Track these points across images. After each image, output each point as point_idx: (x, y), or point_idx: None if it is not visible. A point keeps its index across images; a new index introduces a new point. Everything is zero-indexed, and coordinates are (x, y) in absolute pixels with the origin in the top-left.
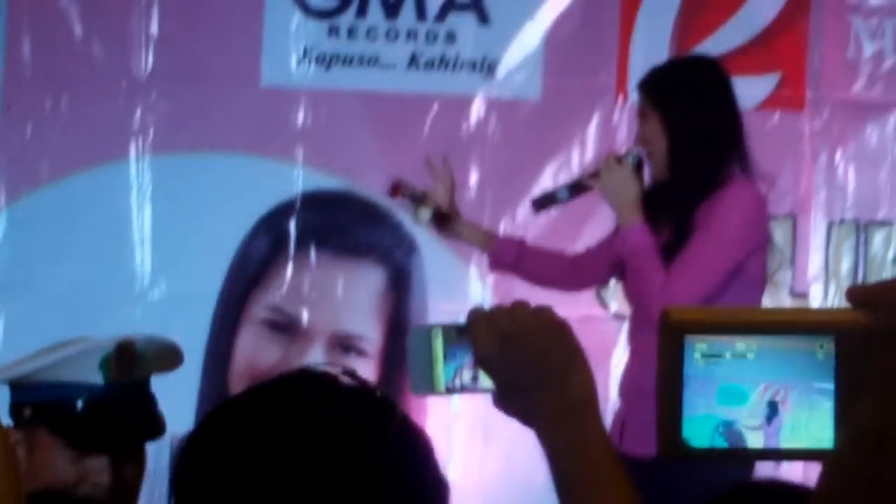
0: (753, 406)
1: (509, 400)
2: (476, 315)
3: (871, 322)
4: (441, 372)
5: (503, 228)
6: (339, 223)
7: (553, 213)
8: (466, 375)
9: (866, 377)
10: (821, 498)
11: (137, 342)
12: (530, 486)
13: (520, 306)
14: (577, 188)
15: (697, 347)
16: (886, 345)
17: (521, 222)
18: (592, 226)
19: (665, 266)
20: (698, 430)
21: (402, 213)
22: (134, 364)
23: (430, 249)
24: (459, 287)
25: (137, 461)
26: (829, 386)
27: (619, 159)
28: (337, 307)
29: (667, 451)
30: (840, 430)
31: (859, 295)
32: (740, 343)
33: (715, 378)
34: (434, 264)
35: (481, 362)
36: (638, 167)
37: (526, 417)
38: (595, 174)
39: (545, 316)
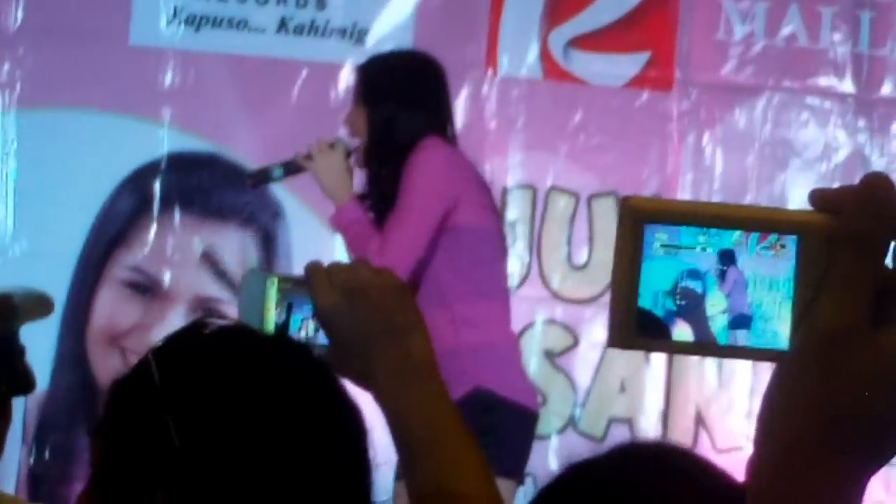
0: (712, 301)
1: (346, 357)
2: (314, 267)
3: (834, 225)
4: (271, 319)
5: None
6: (204, 186)
7: None
8: (312, 328)
9: (825, 279)
10: (774, 396)
11: (15, 295)
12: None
13: (362, 265)
14: (291, 168)
15: (657, 237)
16: (848, 248)
17: None
18: None
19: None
20: (653, 322)
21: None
22: (13, 317)
23: (296, 215)
24: (324, 252)
25: (3, 416)
26: (789, 285)
27: (331, 145)
28: (199, 270)
29: (619, 342)
30: (797, 331)
31: (823, 198)
32: (702, 236)
33: (673, 270)
34: (299, 229)
35: (319, 315)
36: (347, 154)
37: (363, 377)
38: (309, 156)
39: (387, 276)
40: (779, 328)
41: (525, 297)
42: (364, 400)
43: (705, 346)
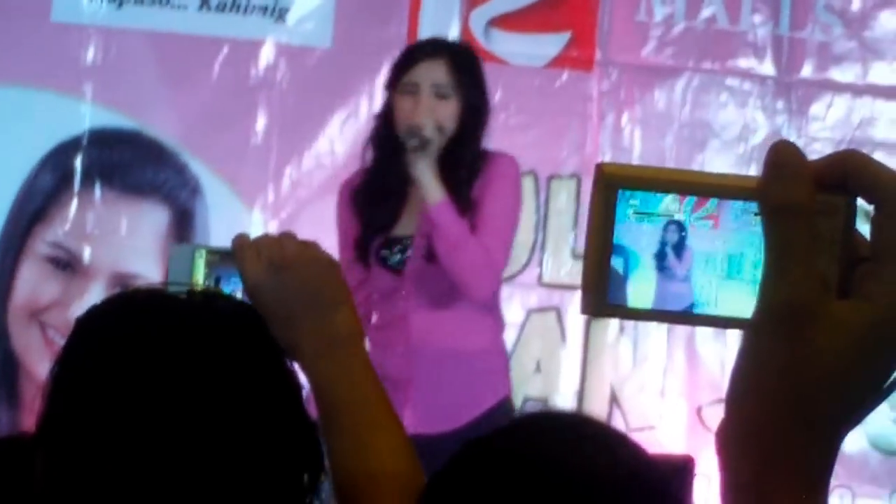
0: (681, 268)
1: (274, 329)
2: (242, 240)
3: (760, 192)
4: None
5: (288, 174)
6: (125, 162)
7: None
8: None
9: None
10: (738, 371)
11: None
12: None
13: (288, 238)
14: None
15: (630, 204)
16: (767, 219)
17: (306, 169)
18: None
19: None
20: (626, 289)
21: (187, 154)
22: None
23: (214, 192)
24: (242, 229)
25: None
26: (759, 254)
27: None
28: (119, 246)
29: (592, 309)
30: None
31: (765, 159)
32: (674, 203)
33: (645, 236)
34: (218, 207)
35: (247, 288)
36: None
37: (291, 349)
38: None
39: (314, 250)
40: (746, 296)
41: None
42: None
43: (679, 315)
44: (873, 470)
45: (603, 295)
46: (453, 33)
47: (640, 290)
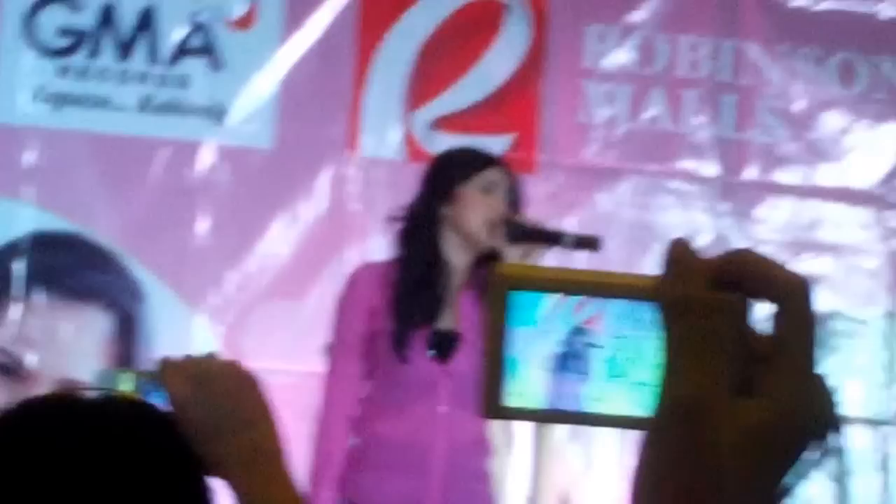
0: (584, 368)
1: (199, 446)
2: (166, 361)
3: (657, 289)
4: None
5: (229, 279)
6: (67, 266)
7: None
8: None
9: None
10: (638, 469)
11: None
12: None
13: (211, 357)
14: (583, 242)
15: (524, 305)
16: (665, 315)
17: (250, 273)
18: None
19: None
20: (523, 391)
21: (128, 257)
22: None
23: (157, 296)
24: (186, 334)
25: None
26: (653, 353)
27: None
28: (64, 352)
29: (490, 412)
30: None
31: (665, 256)
32: (569, 303)
33: (542, 338)
34: (161, 312)
35: (173, 405)
36: None
37: (216, 465)
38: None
39: (235, 367)
40: (643, 395)
41: None
42: None
43: (574, 415)
44: None
45: (499, 397)
46: (395, 135)
47: (535, 391)
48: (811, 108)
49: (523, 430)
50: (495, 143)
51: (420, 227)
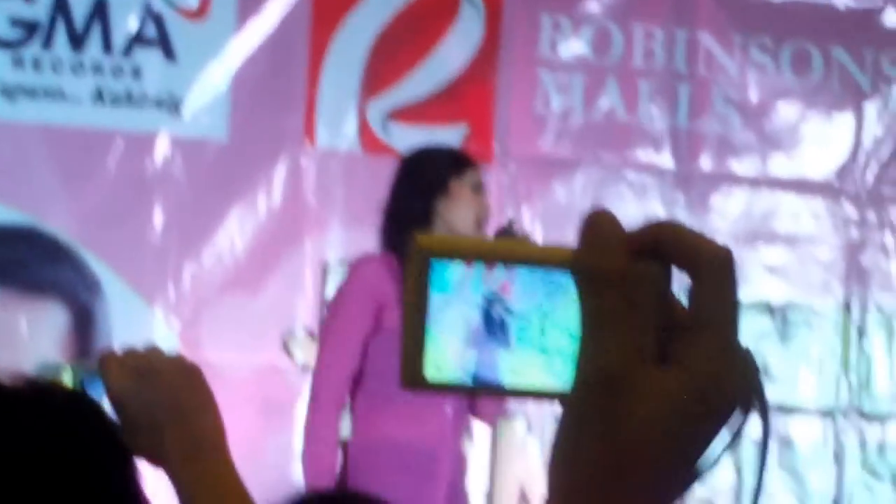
0: (503, 339)
1: (139, 437)
2: (107, 354)
3: (576, 259)
4: None
5: (186, 272)
6: (22, 260)
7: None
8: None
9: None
10: (557, 444)
11: None
12: None
13: (153, 349)
14: None
15: (446, 275)
16: (581, 285)
17: (207, 266)
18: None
19: None
20: (443, 362)
21: (85, 250)
22: None
23: (114, 290)
24: (144, 329)
25: None
26: (574, 322)
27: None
28: (21, 346)
29: (410, 384)
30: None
31: (580, 227)
32: (492, 273)
33: (463, 309)
34: (119, 306)
35: (112, 398)
36: None
37: (156, 455)
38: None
39: (178, 359)
40: (561, 367)
41: None
42: None
43: (493, 387)
44: None
45: (419, 369)
46: (350, 126)
47: (455, 363)
48: (766, 98)
49: (481, 425)
50: (450, 134)
51: (415, 221)
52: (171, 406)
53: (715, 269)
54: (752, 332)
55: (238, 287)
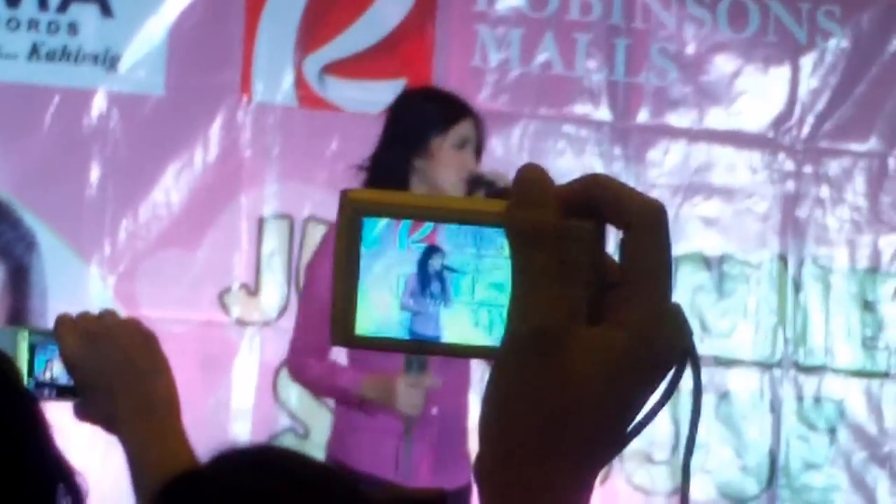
0: (435, 295)
1: (93, 402)
2: (61, 317)
3: (508, 215)
4: (24, 372)
5: (125, 227)
6: None
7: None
8: (57, 369)
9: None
10: (489, 401)
11: None
12: None
13: (108, 313)
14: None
15: (377, 231)
16: (513, 242)
17: (143, 221)
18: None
19: None
20: (375, 319)
21: (22, 207)
22: None
23: (50, 247)
24: (80, 286)
25: None
26: (505, 278)
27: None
28: None
29: (341, 340)
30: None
31: (512, 183)
32: (423, 230)
33: (395, 265)
34: (54, 262)
35: (66, 360)
36: None
37: (109, 420)
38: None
39: (132, 324)
40: (496, 323)
41: (285, 329)
42: None
43: (427, 344)
44: None
45: (350, 326)
46: (287, 80)
47: (389, 319)
48: (702, 51)
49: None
50: (387, 88)
51: (392, 179)
52: (125, 369)
53: (647, 223)
54: (688, 285)
55: (174, 242)
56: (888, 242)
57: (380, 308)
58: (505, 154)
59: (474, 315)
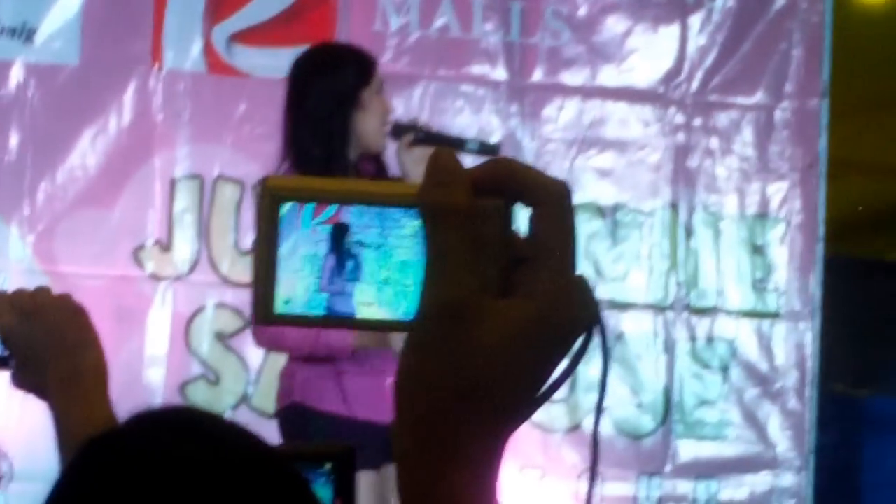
0: (353, 275)
1: (27, 373)
2: None
3: (421, 196)
4: None
5: (43, 189)
6: None
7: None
8: None
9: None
10: (403, 370)
11: None
12: None
13: (41, 290)
14: (487, 149)
15: (296, 214)
16: (427, 220)
17: (60, 183)
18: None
19: None
20: (294, 298)
21: None
22: None
23: None
24: (1, 245)
25: None
26: (418, 256)
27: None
28: None
29: (262, 319)
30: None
31: (426, 167)
32: (335, 213)
33: (311, 247)
34: None
35: (2, 335)
36: None
37: (42, 390)
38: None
39: (63, 300)
40: (406, 299)
41: (196, 283)
42: None
43: (342, 320)
44: (620, 454)
45: (270, 305)
46: (196, 49)
47: (306, 298)
48: (594, 12)
49: None
50: (291, 54)
51: (333, 136)
52: (56, 342)
53: (552, 201)
54: (583, 234)
55: (90, 203)
56: (776, 189)
57: (296, 289)
58: (406, 114)
59: (381, 292)
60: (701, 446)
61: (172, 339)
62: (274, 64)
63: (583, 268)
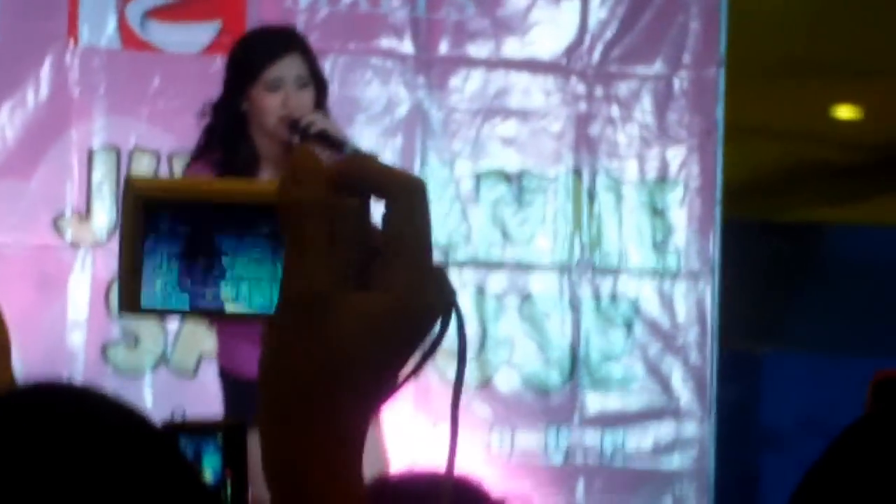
0: (216, 270)
1: None
2: None
3: (279, 193)
4: None
5: None
6: None
7: None
8: None
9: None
10: (264, 360)
11: None
12: None
13: None
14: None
15: (161, 212)
16: (282, 216)
17: None
18: None
19: None
20: (158, 291)
21: None
22: None
23: None
24: None
25: None
26: (276, 252)
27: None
28: None
29: (127, 309)
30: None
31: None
32: (200, 211)
33: (177, 243)
34: None
35: None
36: None
37: None
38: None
39: None
40: (255, 296)
41: (115, 250)
42: None
43: (210, 311)
44: (529, 407)
45: (136, 298)
46: (111, 25)
47: (170, 291)
48: None
49: None
50: (204, 30)
51: (227, 125)
52: None
53: (405, 197)
54: (490, 198)
55: (10, 174)
56: (675, 154)
57: (157, 285)
58: None
59: (241, 288)
60: (607, 399)
61: (93, 304)
62: (186, 39)
63: (490, 232)
